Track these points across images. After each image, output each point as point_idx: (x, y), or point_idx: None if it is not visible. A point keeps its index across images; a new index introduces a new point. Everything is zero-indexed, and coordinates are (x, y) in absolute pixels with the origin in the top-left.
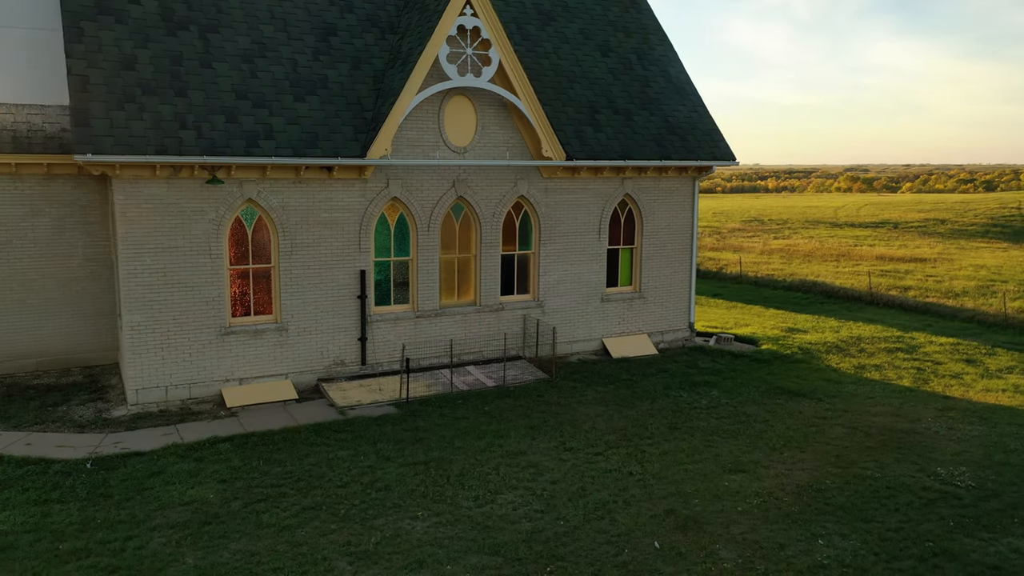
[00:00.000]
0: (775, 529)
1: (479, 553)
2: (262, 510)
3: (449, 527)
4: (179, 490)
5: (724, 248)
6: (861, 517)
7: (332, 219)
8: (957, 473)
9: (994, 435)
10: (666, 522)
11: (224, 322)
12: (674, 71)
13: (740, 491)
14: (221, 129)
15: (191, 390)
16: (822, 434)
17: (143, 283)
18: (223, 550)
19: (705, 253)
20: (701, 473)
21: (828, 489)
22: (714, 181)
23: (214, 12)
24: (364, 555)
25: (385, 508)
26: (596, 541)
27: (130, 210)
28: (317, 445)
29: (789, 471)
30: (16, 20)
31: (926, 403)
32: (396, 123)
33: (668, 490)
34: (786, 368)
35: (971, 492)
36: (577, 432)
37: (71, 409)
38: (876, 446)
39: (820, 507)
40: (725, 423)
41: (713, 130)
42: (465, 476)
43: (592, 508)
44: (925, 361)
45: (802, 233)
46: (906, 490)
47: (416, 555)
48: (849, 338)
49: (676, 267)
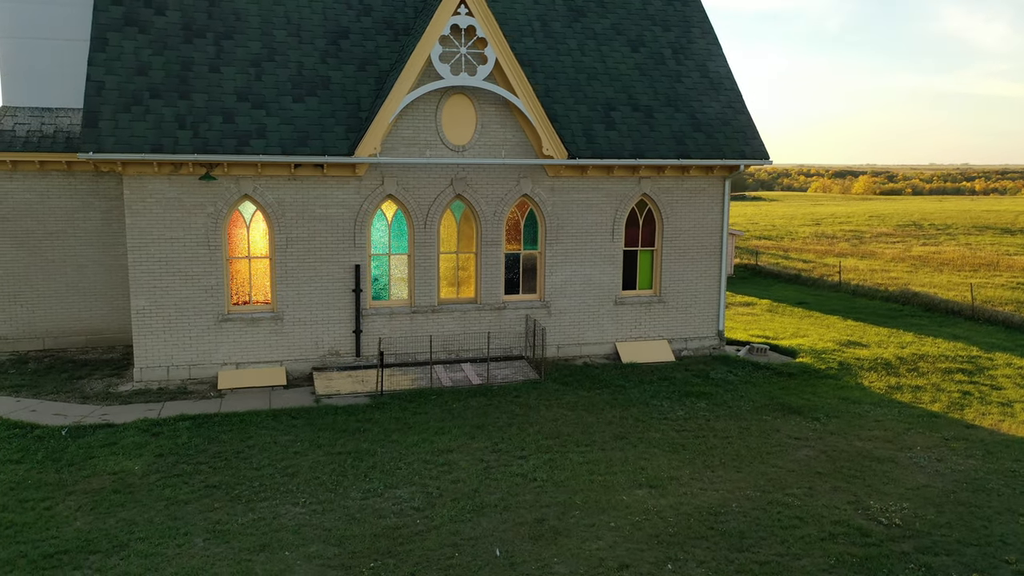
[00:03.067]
0: (631, 549)
1: (324, 543)
2: (170, 484)
3: (320, 516)
4: (116, 460)
5: (854, 254)
6: (738, 547)
7: (327, 215)
8: (892, 509)
9: (981, 472)
10: (527, 531)
11: (222, 309)
12: (713, 65)
13: (630, 507)
14: (217, 129)
15: (191, 371)
16: (780, 455)
17: (147, 271)
18: (111, 517)
19: (821, 259)
20: (605, 485)
21: (728, 513)
22: (912, 183)
23: (232, 20)
24: (223, 533)
25: (278, 492)
26: (441, 543)
27: (135, 203)
28: (267, 429)
29: (703, 491)
30: (58, 32)
31: (937, 431)
32: (385, 122)
33: (557, 499)
34: (805, 384)
35: (889, 531)
36: (520, 434)
37: (89, 383)
38: (828, 472)
39: (702, 531)
40: (682, 436)
41: (747, 127)
42: (375, 469)
43: (467, 510)
44: (982, 386)
45: (960, 240)
46: (815, 522)
47: (266, 539)
48: (911, 355)
49: (702, 271)
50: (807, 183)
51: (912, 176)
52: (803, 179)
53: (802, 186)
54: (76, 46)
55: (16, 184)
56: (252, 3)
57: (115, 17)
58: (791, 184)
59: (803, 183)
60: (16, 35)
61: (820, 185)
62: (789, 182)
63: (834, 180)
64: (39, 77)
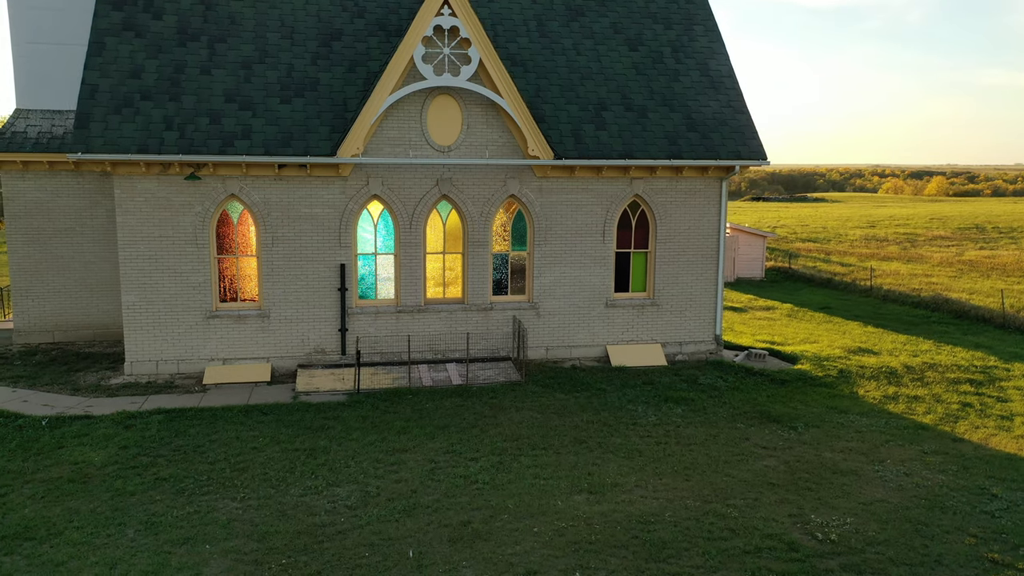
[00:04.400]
0: (546, 555)
1: (246, 538)
2: (123, 476)
3: (253, 511)
4: (81, 451)
5: (900, 258)
6: (655, 557)
7: (312, 214)
8: (833, 524)
9: (946, 488)
10: (448, 533)
11: (210, 306)
12: (715, 64)
13: (561, 512)
14: (203, 130)
15: (179, 366)
16: (738, 465)
17: (138, 268)
18: (58, 506)
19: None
20: (544, 490)
21: (659, 522)
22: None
23: (227, 23)
24: (155, 525)
25: (222, 487)
26: (359, 542)
27: (126, 203)
28: (235, 424)
29: (643, 499)
30: (70, 38)
31: (918, 444)
32: (367, 123)
33: (490, 502)
34: (795, 391)
35: (821, 546)
36: (480, 436)
37: (85, 375)
38: (781, 484)
39: (624, 540)
40: (644, 442)
41: (745, 127)
42: (323, 466)
43: (398, 510)
44: (987, 397)
45: (1022, 243)
46: (746, 534)
47: (194, 532)
48: (921, 364)
49: (697, 274)
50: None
51: (995, 177)
52: (876, 180)
53: (875, 187)
54: (78, 51)
55: (28, 183)
56: (248, 7)
57: (114, 22)
58: (864, 185)
59: (876, 184)
60: (31, 41)
61: (891, 186)
62: (862, 183)
63: (908, 181)
64: (51, 81)
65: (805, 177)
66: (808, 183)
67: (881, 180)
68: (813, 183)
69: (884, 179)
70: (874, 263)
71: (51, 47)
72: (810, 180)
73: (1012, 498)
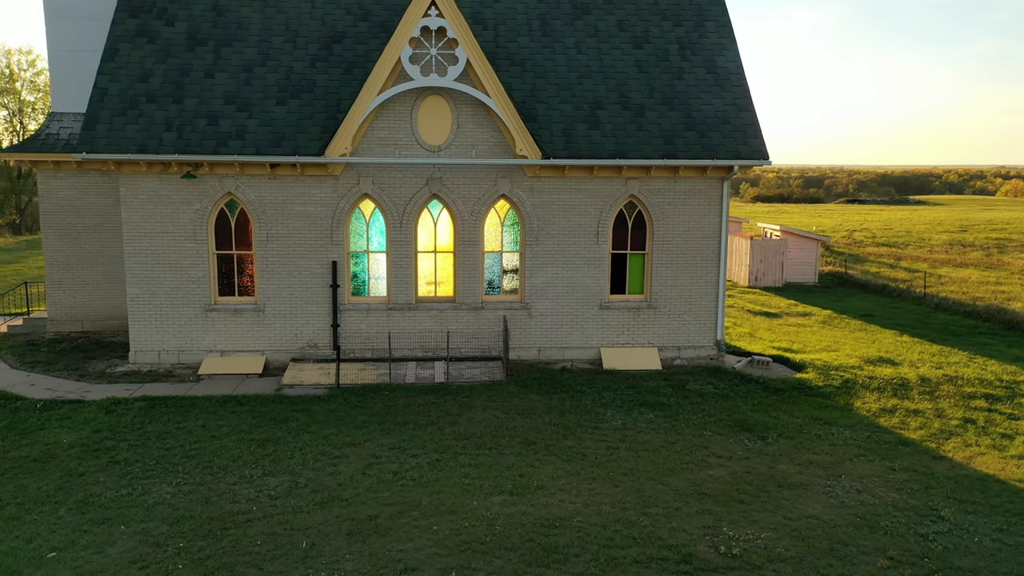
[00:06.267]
0: (431, 554)
1: (161, 521)
2: (82, 457)
3: (182, 496)
4: (57, 433)
5: (980, 264)
6: (541, 561)
7: (305, 212)
8: (746, 539)
9: (892, 508)
10: (350, 527)
11: (208, 300)
12: (723, 61)
13: (471, 512)
14: (200, 131)
15: (179, 356)
16: (681, 474)
17: (141, 262)
18: (11, 483)
19: (935, 269)
20: (466, 489)
21: (565, 527)
22: None
23: (234, 28)
24: (87, 505)
25: (166, 472)
26: (263, 531)
27: (130, 200)
28: (207, 413)
29: (561, 503)
30: (91, 44)
31: (888, 460)
32: (354, 123)
33: (407, 499)
34: (785, 400)
35: (720, 560)
36: (433, 434)
37: (96, 363)
38: (715, 495)
39: (518, 543)
40: (595, 447)
41: (748, 125)
42: (267, 457)
43: (316, 503)
44: (998, 414)
45: None
46: (646, 543)
47: (117, 513)
48: (940, 376)
49: (697, 277)
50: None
51: None
52: (999, 182)
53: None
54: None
55: (60, 182)
56: (255, 12)
57: (129, 29)
58: (985, 187)
59: (998, 186)
60: (66, 48)
61: (1010, 188)
62: (983, 184)
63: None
64: (83, 86)
65: (919, 179)
66: (923, 185)
67: (1004, 182)
68: (928, 185)
69: (1009, 180)
70: (947, 269)
71: (83, 54)
72: (925, 182)
73: (958, 521)
